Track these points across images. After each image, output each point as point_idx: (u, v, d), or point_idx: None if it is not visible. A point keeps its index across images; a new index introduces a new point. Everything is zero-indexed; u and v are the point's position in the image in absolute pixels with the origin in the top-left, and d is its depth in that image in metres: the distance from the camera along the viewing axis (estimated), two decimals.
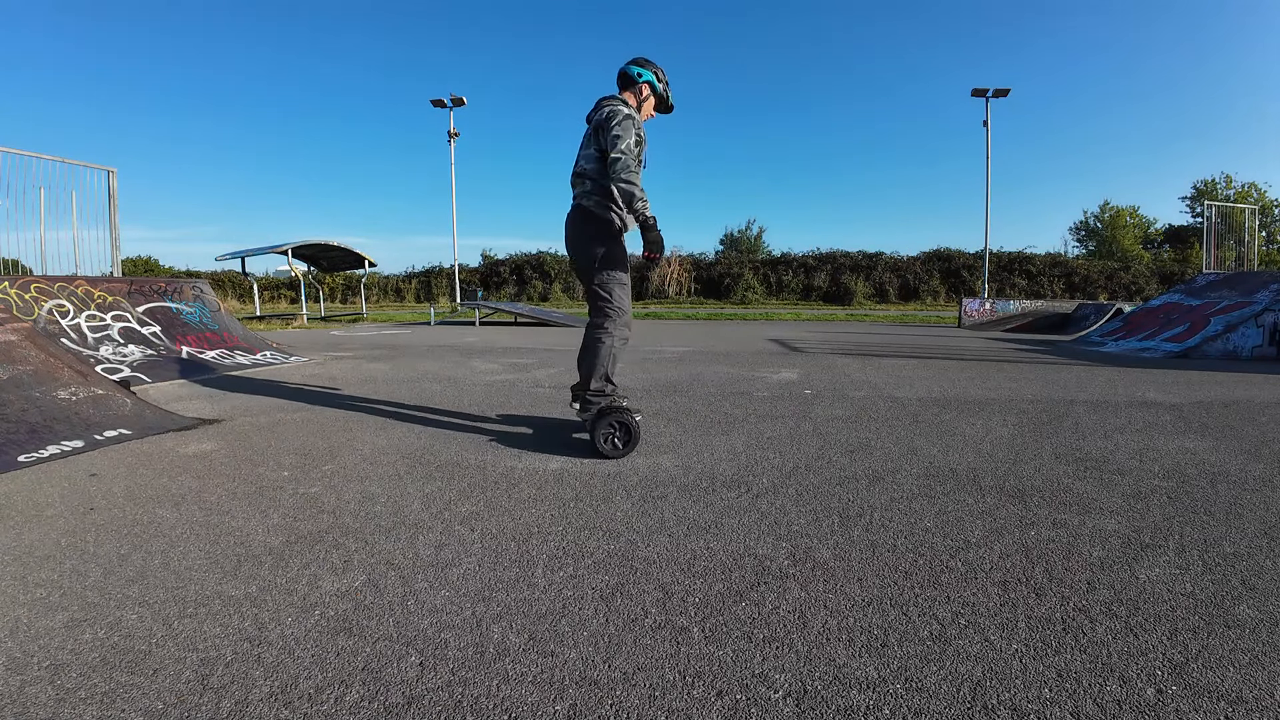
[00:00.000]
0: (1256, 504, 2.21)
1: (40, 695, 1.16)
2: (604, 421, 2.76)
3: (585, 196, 2.93)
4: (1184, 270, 28.31)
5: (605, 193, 2.90)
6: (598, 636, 1.37)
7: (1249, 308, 7.66)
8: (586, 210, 2.92)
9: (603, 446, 2.76)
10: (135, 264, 35.16)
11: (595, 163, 2.88)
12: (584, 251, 2.94)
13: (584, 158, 2.93)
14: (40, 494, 2.32)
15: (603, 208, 2.91)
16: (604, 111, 2.85)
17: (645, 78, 3.03)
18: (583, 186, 2.93)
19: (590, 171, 2.90)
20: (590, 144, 2.91)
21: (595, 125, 2.87)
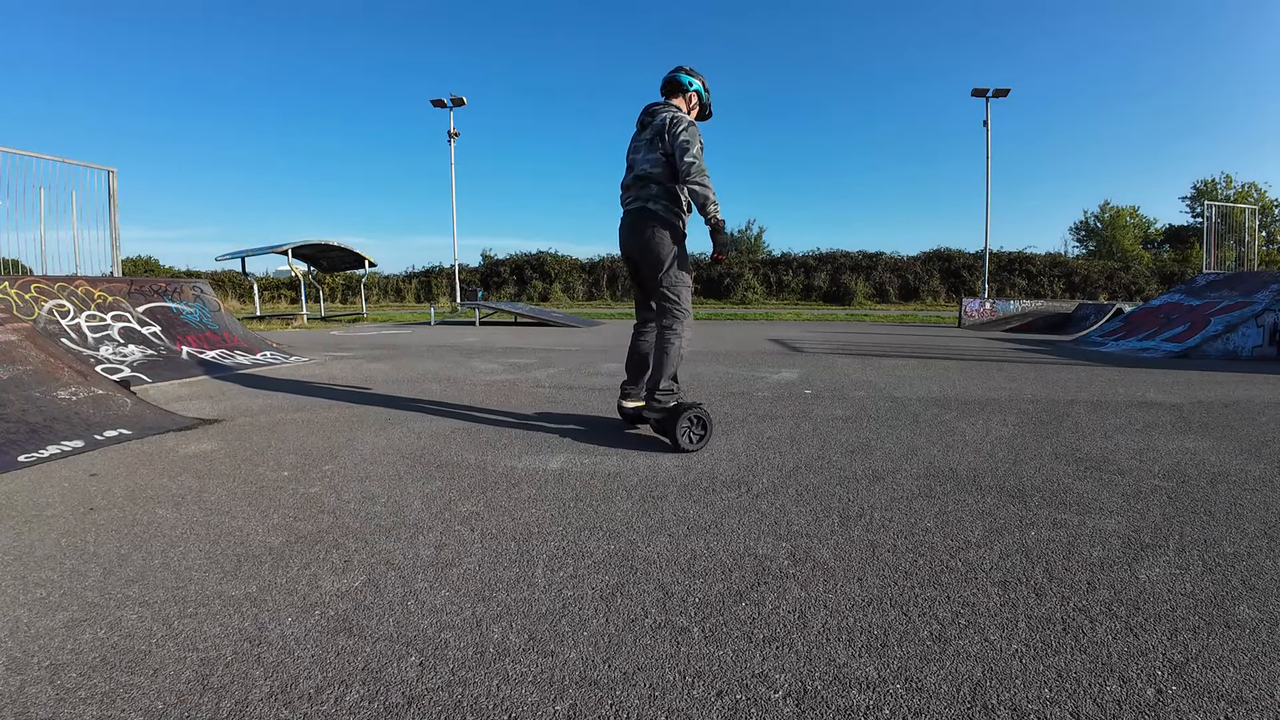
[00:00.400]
0: (1256, 504, 2.21)
1: (40, 695, 1.16)
2: (682, 418, 2.86)
3: (653, 200, 2.98)
4: (1184, 270, 28.30)
5: (673, 196, 2.99)
6: (598, 636, 1.37)
7: (1249, 308, 7.66)
8: (655, 213, 2.98)
9: (683, 441, 2.86)
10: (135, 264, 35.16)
11: (662, 167, 2.95)
12: (654, 254, 3.00)
13: (648, 161, 2.98)
14: (40, 494, 2.32)
15: (670, 212, 3.00)
16: (664, 117, 2.94)
17: (695, 87, 3.14)
18: (648, 190, 2.99)
19: (658, 175, 2.96)
20: (652, 148, 2.97)
21: (655, 131, 2.95)
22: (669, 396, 3.00)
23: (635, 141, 3.10)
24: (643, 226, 3.01)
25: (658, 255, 2.99)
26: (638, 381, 3.28)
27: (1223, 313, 8.00)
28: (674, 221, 3.01)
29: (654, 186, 2.98)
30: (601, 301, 30.80)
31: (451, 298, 25.20)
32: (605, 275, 32.82)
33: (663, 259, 2.99)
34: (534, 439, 3.17)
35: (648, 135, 3.01)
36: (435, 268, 34.25)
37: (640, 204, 3.02)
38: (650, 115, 3.04)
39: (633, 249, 3.09)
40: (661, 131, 2.92)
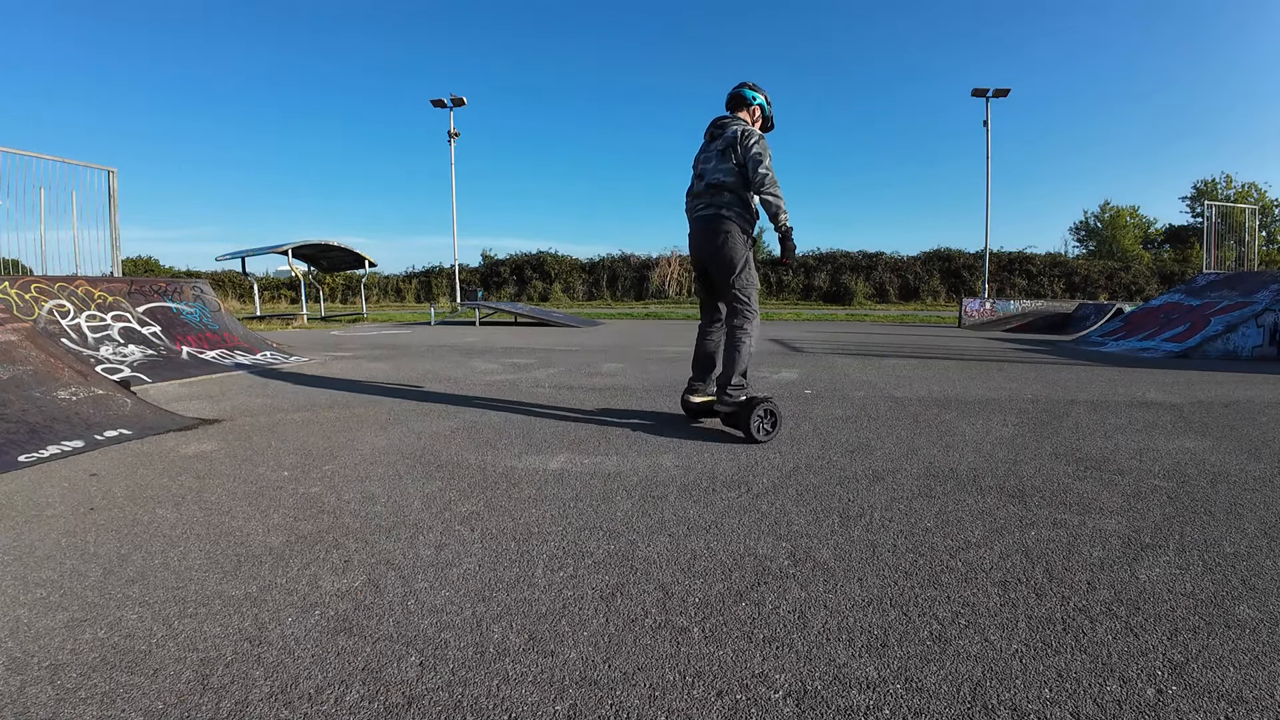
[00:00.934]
0: (1256, 504, 2.21)
1: (40, 695, 1.16)
2: (754, 411, 3.02)
3: (727, 208, 3.17)
4: (1184, 270, 28.30)
5: (745, 204, 3.19)
6: (598, 636, 1.37)
7: (1249, 308, 7.66)
8: (729, 220, 3.17)
9: (756, 433, 3.02)
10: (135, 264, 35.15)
11: (735, 176, 3.14)
12: (727, 258, 3.18)
13: (720, 171, 3.17)
14: (40, 494, 2.32)
15: (742, 219, 3.19)
16: (735, 130, 3.15)
17: (758, 101, 3.35)
18: (721, 198, 3.17)
19: (731, 184, 3.15)
20: (724, 159, 3.16)
21: (727, 142, 3.14)
22: (740, 391, 3.17)
23: (705, 152, 3.29)
24: (717, 232, 3.19)
25: (731, 259, 3.17)
26: (703, 378, 3.44)
27: (1223, 313, 8.00)
28: (745, 228, 3.21)
29: (727, 195, 3.16)
30: (601, 301, 30.80)
31: (451, 298, 25.20)
32: (605, 275, 32.82)
33: (735, 262, 3.17)
34: (534, 439, 3.17)
35: (719, 146, 3.19)
36: (435, 268, 34.24)
37: (714, 211, 3.19)
38: (720, 128, 3.23)
39: (705, 253, 3.27)
40: (734, 143, 3.11)
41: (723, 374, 3.21)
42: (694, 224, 3.32)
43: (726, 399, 3.15)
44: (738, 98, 3.34)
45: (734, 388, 3.16)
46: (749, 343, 3.20)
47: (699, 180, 3.29)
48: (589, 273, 33.34)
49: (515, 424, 3.53)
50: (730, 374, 3.16)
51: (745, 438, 3.05)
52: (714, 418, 3.39)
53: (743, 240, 3.20)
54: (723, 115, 3.31)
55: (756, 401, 3.06)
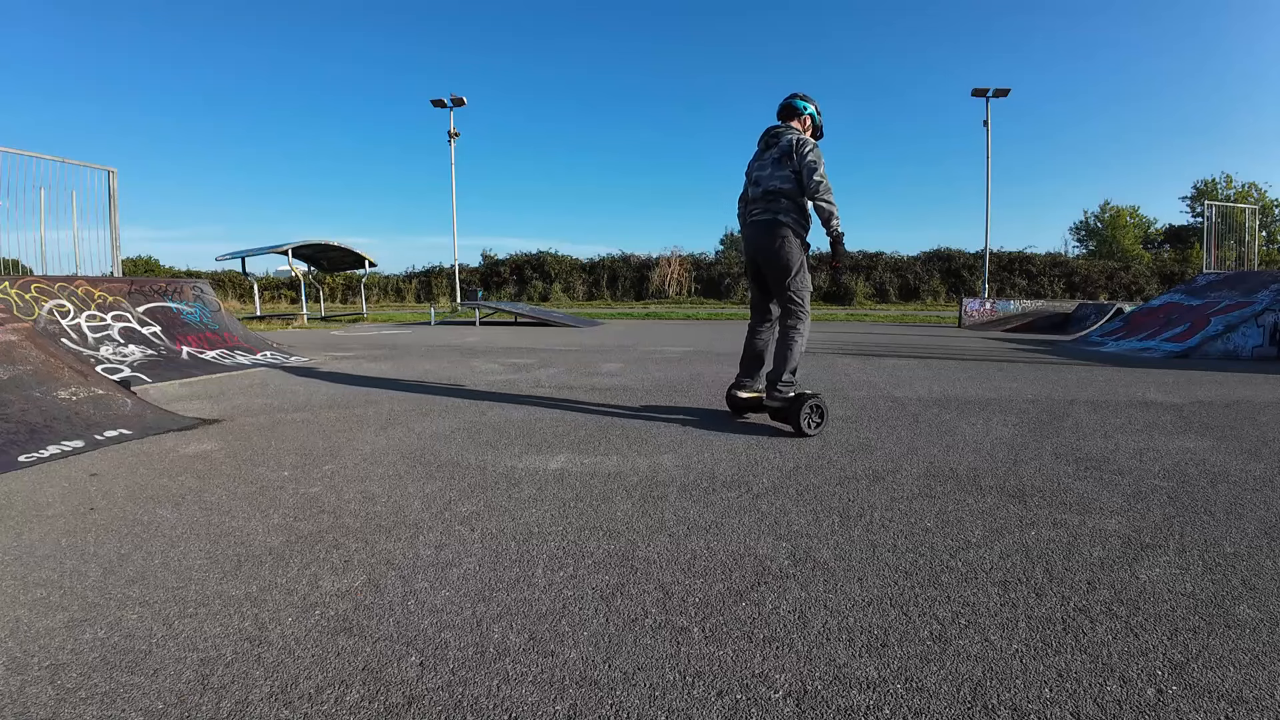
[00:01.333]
0: (1257, 504, 2.21)
1: (40, 695, 1.16)
2: (803, 406, 3.17)
3: (783, 213, 3.31)
4: (1184, 270, 28.29)
5: (800, 210, 3.33)
6: (598, 636, 1.37)
7: (1249, 308, 7.66)
8: (785, 224, 3.31)
9: (806, 427, 3.17)
10: (136, 264, 35.14)
11: (791, 183, 3.28)
12: (783, 261, 3.32)
13: (776, 178, 3.32)
14: (41, 494, 2.32)
15: (798, 223, 3.34)
16: (790, 139, 3.30)
17: (809, 111, 3.51)
18: (778, 204, 3.32)
19: (788, 191, 3.30)
20: (779, 167, 3.31)
21: (783, 150, 3.30)
22: (790, 388, 3.29)
23: (760, 160, 3.44)
24: (774, 236, 3.33)
25: (787, 262, 3.31)
26: (752, 375, 3.57)
27: (1223, 313, 8.00)
28: (800, 232, 3.34)
29: (783, 201, 3.31)
30: (602, 301, 30.80)
31: (452, 298, 25.20)
32: (605, 275, 32.82)
33: (791, 265, 3.31)
34: (534, 439, 3.17)
35: (774, 154, 3.35)
36: (435, 268, 34.22)
37: (770, 216, 3.34)
38: (774, 137, 3.39)
39: (762, 256, 3.41)
40: (789, 151, 3.26)
41: (774, 371, 3.34)
42: (750, 228, 3.46)
43: (777, 394, 3.28)
44: (789, 108, 3.49)
45: (784, 384, 3.29)
46: (801, 342, 3.33)
47: (755, 187, 3.43)
48: (589, 273, 33.33)
49: (515, 424, 3.53)
50: (781, 371, 3.30)
51: (794, 431, 3.19)
52: (759, 413, 3.52)
53: (798, 244, 3.33)
54: (775, 125, 3.46)
55: (806, 397, 3.21)
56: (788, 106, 3.50)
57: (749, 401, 3.53)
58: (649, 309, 24.07)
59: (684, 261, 32.75)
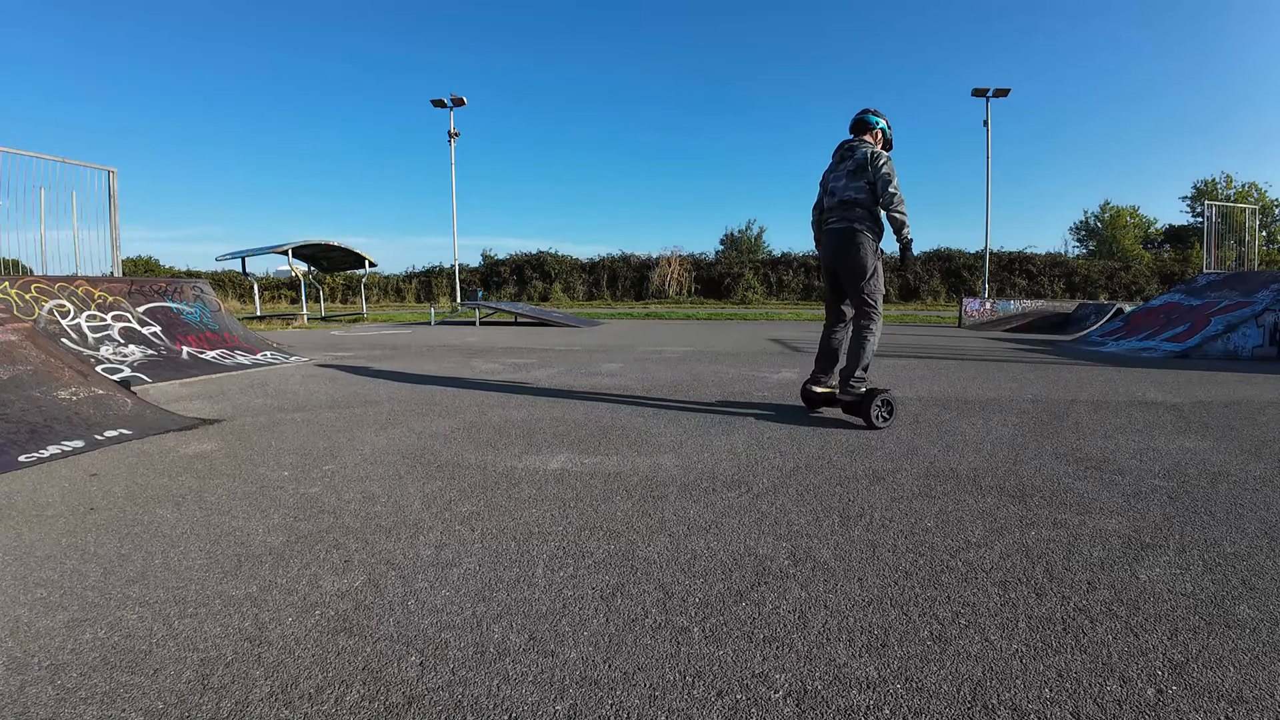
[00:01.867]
0: (1257, 504, 2.21)
1: (40, 695, 1.16)
2: (873, 400, 3.37)
3: (859, 221, 3.55)
4: (1184, 270, 28.29)
5: (874, 218, 3.57)
6: (598, 636, 1.37)
7: (1249, 308, 7.66)
8: (860, 232, 3.55)
9: (876, 420, 3.36)
10: (135, 264, 35.13)
11: (866, 194, 3.50)
12: (859, 266, 3.56)
13: (852, 189, 3.54)
14: (41, 494, 2.32)
15: (872, 231, 3.56)
16: (865, 152, 3.52)
17: (880, 125, 3.70)
18: (854, 213, 3.55)
19: (863, 201, 3.52)
20: (854, 178, 3.53)
21: (858, 163, 3.52)
22: (861, 384, 3.52)
23: (835, 171, 3.67)
24: (850, 243, 3.56)
25: (862, 267, 3.55)
26: (827, 371, 3.80)
27: (1223, 313, 8.00)
28: (874, 239, 3.57)
29: (859, 210, 3.54)
30: (602, 301, 30.80)
31: (452, 298, 25.21)
32: (605, 275, 32.82)
33: (866, 269, 3.55)
34: (534, 439, 3.17)
35: (849, 166, 3.57)
36: (435, 268, 34.23)
37: (846, 224, 3.58)
38: (849, 150, 3.61)
39: (838, 262, 3.65)
40: (864, 164, 3.48)
41: (847, 367, 3.55)
42: (827, 235, 3.70)
43: (850, 389, 3.50)
44: (862, 123, 3.69)
45: (856, 380, 3.52)
46: (873, 341, 3.57)
47: (830, 197, 3.67)
48: (589, 273, 33.34)
49: (515, 424, 3.53)
50: (854, 368, 3.52)
51: (865, 424, 3.38)
52: (833, 407, 3.76)
53: (872, 250, 3.56)
54: (849, 139, 3.70)
55: (876, 392, 3.41)
56: (860, 121, 3.70)
57: (823, 396, 3.77)
58: (649, 309, 24.06)
59: (684, 261, 32.75)
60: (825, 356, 3.83)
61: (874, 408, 3.36)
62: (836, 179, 3.66)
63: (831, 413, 3.86)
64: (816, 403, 3.86)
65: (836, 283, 3.77)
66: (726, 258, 34.47)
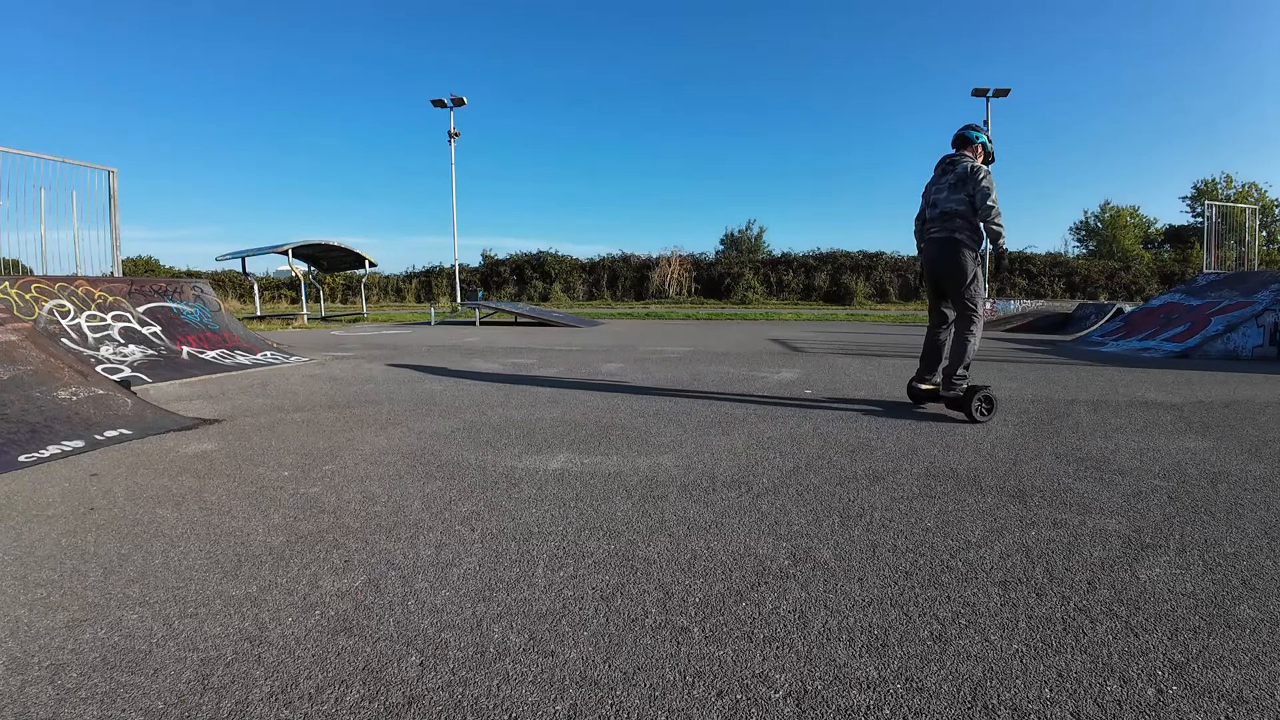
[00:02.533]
0: (1257, 504, 2.21)
1: (41, 695, 1.16)
2: (975, 396, 3.59)
3: (959, 231, 3.78)
4: (1184, 270, 28.28)
5: (973, 229, 3.80)
6: (598, 636, 1.37)
7: (1249, 308, 7.65)
8: (961, 242, 3.79)
9: (976, 415, 3.57)
10: (135, 264, 35.12)
11: (965, 205, 3.75)
12: (960, 273, 3.79)
13: (953, 201, 3.78)
14: (41, 494, 2.32)
15: (973, 241, 3.81)
16: (966, 166, 3.76)
17: (981, 140, 3.94)
18: (954, 224, 3.79)
19: (963, 212, 3.76)
20: (955, 191, 3.77)
21: (959, 177, 3.76)
22: (963, 381, 3.74)
23: (937, 184, 3.90)
24: (952, 252, 3.80)
25: (963, 273, 3.78)
26: (931, 369, 4.01)
27: (1223, 313, 8.00)
28: (974, 248, 3.81)
29: (959, 221, 3.77)
30: (602, 301, 30.81)
31: (452, 298, 25.21)
32: (605, 275, 32.82)
33: (966, 276, 3.78)
34: (534, 439, 3.17)
35: (950, 179, 3.80)
36: (435, 268, 34.22)
37: (947, 234, 3.82)
38: (951, 164, 3.85)
39: (941, 268, 3.89)
40: (965, 178, 3.73)
41: (950, 366, 3.78)
42: (929, 244, 3.93)
43: (953, 386, 3.73)
44: (964, 138, 3.94)
45: (958, 378, 3.73)
46: (975, 342, 3.80)
47: (932, 208, 3.91)
48: (589, 273, 33.33)
49: (515, 424, 3.53)
50: (956, 366, 3.74)
51: (966, 419, 3.59)
52: (938, 402, 3.93)
53: (972, 258, 3.80)
54: (950, 153, 3.94)
55: (978, 389, 3.62)
56: (962, 137, 3.94)
57: (928, 392, 3.98)
58: (649, 309, 24.07)
59: (684, 261, 32.74)
60: (929, 355, 4.04)
61: (975, 403, 3.58)
62: (938, 191, 3.88)
63: (824, 413, 3.86)
64: (921, 398, 4.05)
65: (939, 287, 3.98)
66: (726, 258, 34.45)
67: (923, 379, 4.03)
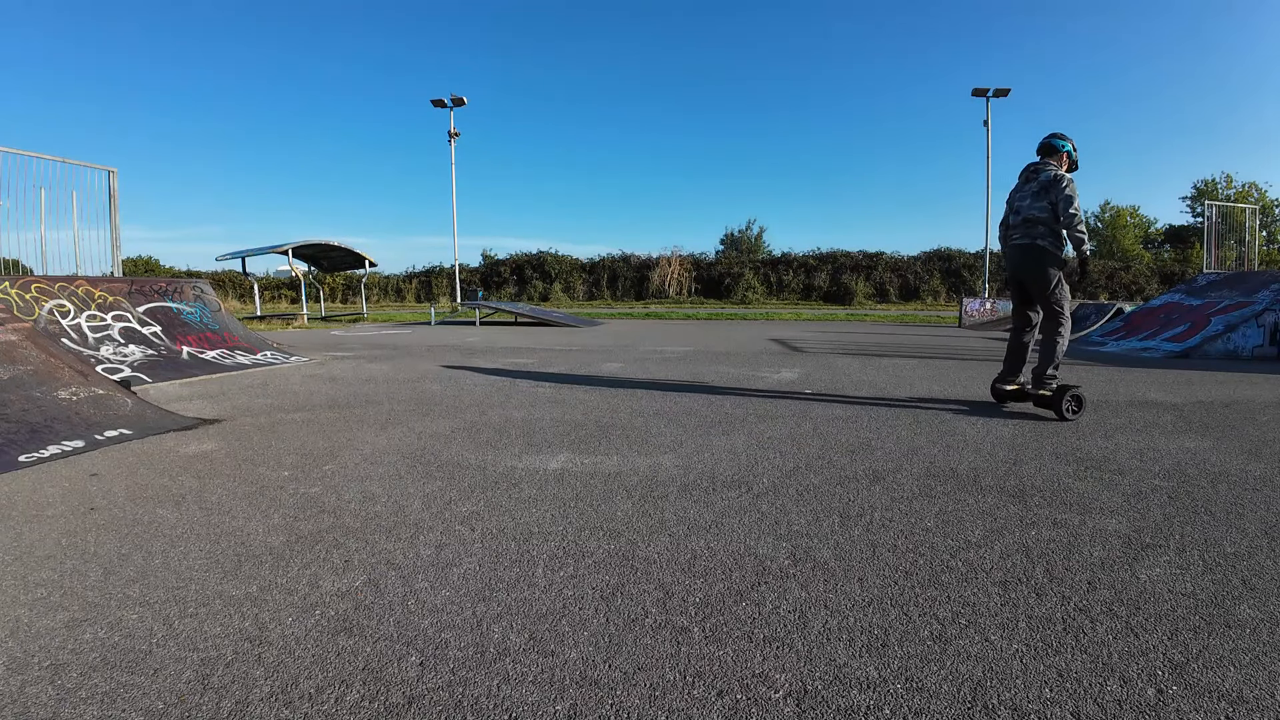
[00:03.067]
0: (1257, 504, 2.21)
1: (41, 695, 1.16)
2: (1065, 395, 3.68)
3: (1042, 238, 3.91)
4: (1184, 270, 28.28)
5: (1056, 235, 3.92)
6: (598, 636, 1.37)
7: (1250, 307, 7.65)
8: (1045, 249, 3.91)
9: (1066, 413, 3.66)
10: (136, 264, 35.13)
11: (1048, 213, 3.87)
12: (1045, 277, 3.93)
13: (1036, 208, 3.90)
14: (41, 494, 2.32)
15: (1056, 246, 3.93)
16: (1049, 175, 3.86)
17: (1066, 148, 4.01)
18: (1037, 230, 3.92)
19: (1045, 219, 3.88)
20: (1038, 198, 3.89)
21: (1043, 185, 3.87)
22: (1054, 380, 3.85)
23: (1021, 191, 4.03)
24: (1036, 258, 3.93)
25: (1047, 278, 3.91)
26: (1015, 370, 4.12)
27: (1223, 312, 8.00)
28: (1057, 253, 3.93)
29: (1041, 227, 3.89)
30: (602, 301, 30.81)
31: (452, 298, 25.21)
32: (605, 275, 32.83)
33: (1051, 280, 3.92)
34: (534, 439, 3.17)
35: (1034, 187, 3.91)
36: (436, 268, 34.25)
37: (1030, 240, 3.94)
38: (1035, 172, 3.95)
39: (1025, 273, 4.02)
40: (1048, 186, 3.83)
41: (1040, 366, 3.88)
42: (1013, 250, 4.07)
43: (1044, 385, 3.83)
44: (1049, 146, 4.02)
45: (1049, 377, 3.84)
46: (1063, 343, 3.90)
47: (1016, 214, 4.04)
48: (589, 273, 33.35)
49: (515, 424, 3.53)
50: (1046, 366, 3.85)
51: (1056, 417, 3.68)
52: (1020, 401, 4.04)
53: (1056, 263, 3.92)
54: (1035, 161, 4.02)
55: (1068, 388, 3.73)
56: (1048, 145, 4.02)
57: (1012, 392, 4.09)
58: (649, 309, 24.07)
59: (684, 261, 32.75)
60: (1014, 356, 4.15)
61: (1065, 401, 3.66)
62: (1022, 198, 4.00)
63: (828, 411, 3.86)
64: (1005, 398, 4.14)
65: (1023, 291, 4.11)
66: (726, 258, 34.47)
67: (1006, 380, 4.12)
